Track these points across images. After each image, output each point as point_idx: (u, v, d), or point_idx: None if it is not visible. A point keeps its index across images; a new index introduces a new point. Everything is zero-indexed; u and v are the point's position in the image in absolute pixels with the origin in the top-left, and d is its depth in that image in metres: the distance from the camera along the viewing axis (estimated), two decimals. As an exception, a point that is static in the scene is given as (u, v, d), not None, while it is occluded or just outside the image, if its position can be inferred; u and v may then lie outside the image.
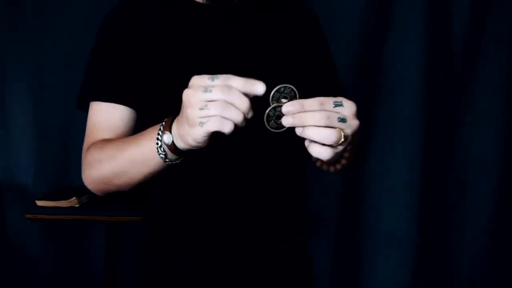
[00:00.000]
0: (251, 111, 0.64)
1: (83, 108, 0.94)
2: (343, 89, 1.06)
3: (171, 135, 0.72)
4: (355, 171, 2.08)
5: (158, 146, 0.74)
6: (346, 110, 0.65)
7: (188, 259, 0.92)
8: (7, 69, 2.01)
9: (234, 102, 0.63)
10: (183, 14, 0.93)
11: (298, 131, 0.64)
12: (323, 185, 2.03)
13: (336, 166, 0.89)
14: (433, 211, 2.08)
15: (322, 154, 0.65)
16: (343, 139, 0.64)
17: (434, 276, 2.14)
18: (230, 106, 0.63)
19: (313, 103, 0.64)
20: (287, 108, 0.64)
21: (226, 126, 0.64)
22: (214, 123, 0.64)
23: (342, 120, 0.64)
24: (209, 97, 0.63)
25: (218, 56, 0.91)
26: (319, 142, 0.64)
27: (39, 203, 1.77)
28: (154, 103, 0.89)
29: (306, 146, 0.66)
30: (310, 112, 0.63)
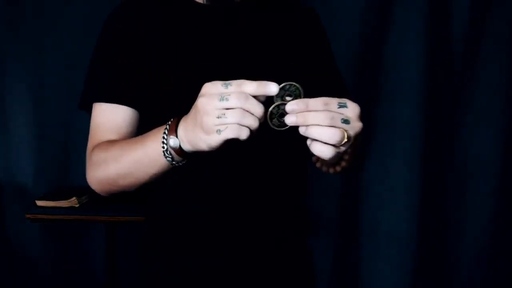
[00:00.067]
0: (264, 116, 0.65)
1: (86, 108, 0.95)
2: (346, 89, 1.06)
3: (178, 139, 0.72)
4: (355, 172, 2.08)
5: (164, 149, 0.74)
6: (350, 112, 0.65)
7: (188, 259, 0.92)
8: (7, 69, 2.01)
9: (251, 109, 0.63)
10: (183, 14, 0.93)
11: (301, 130, 0.64)
12: (323, 185, 2.03)
13: (336, 168, 0.89)
14: (433, 211, 2.08)
15: (324, 152, 0.64)
16: (346, 140, 0.64)
17: (434, 276, 2.14)
18: (247, 113, 0.63)
19: (317, 103, 0.63)
20: (291, 106, 0.64)
21: (243, 133, 0.64)
22: (232, 131, 0.64)
23: (346, 121, 0.64)
24: (226, 105, 0.63)
25: (218, 56, 0.92)
26: (322, 141, 0.64)
27: (39, 203, 1.77)
28: (154, 103, 0.89)
29: (308, 144, 0.66)
30: (314, 111, 0.63)
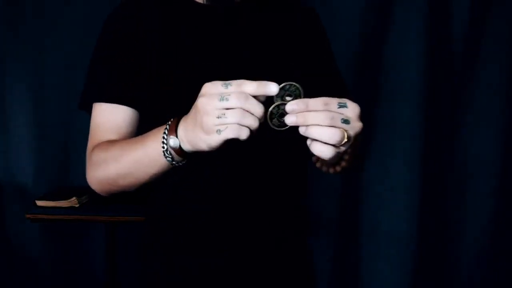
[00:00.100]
0: (264, 115, 0.65)
1: (86, 108, 0.95)
2: (346, 89, 1.05)
3: (178, 139, 0.72)
4: (355, 172, 2.08)
5: (164, 149, 0.74)
6: (350, 112, 0.65)
7: (188, 259, 0.92)
8: (7, 69, 2.01)
9: (251, 109, 0.63)
10: (183, 14, 0.93)
11: (302, 130, 0.64)
12: (323, 185, 2.03)
13: (336, 168, 0.88)
14: (433, 211, 2.08)
15: (324, 152, 0.64)
16: (346, 140, 0.64)
17: (434, 276, 2.14)
18: (247, 113, 0.63)
19: (317, 103, 0.63)
20: (291, 106, 0.64)
21: (243, 133, 0.64)
22: (232, 131, 0.64)
23: (346, 121, 0.64)
24: (225, 105, 0.63)
25: (218, 56, 0.92)
26: (322, 141, 0.64)
27: (39, 203, 1.77)
28: (154, 103, 0.89)
29: (308, 144, 0.66)
30: (314, 111, 0.63)
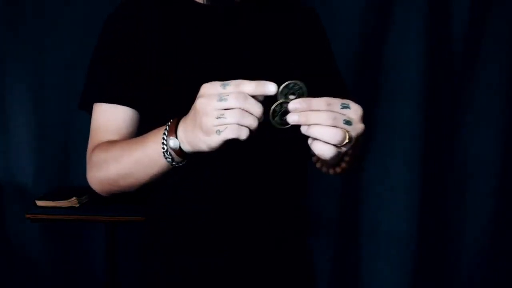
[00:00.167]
0: (263, 115, 0.65)
1: (86, 109, 0.95)
2: (346, 89, 1.05)
3: (177, 140, 0.72)
4: (355, 173, 2.08)
5: (164, 150, 0.74)
6: (353, 113, 0.65)
7: (188, 259, 0.92)
8: (7, 69, 2.01)
9: (250, 109, 0.63)
10: (183, 14, 0.93)
11: (303, 129, 0.64)
12: (323, 185, 2.03)
13: (336, 169, 0.88)
14: (433, 211, 2.08)
15: (325, 152, 0.64)
16: (347, 141, 0.64)
17: (434, 276, 2.14)
18: (246, 113, 0.63)
19: (320, 103, 0.63)
20: (294, 105, 0.64)
21: (243, 133, 0.64)
22: (231, 131, 0.64)
23: (348, 122, 0.64)
24: (224, 105, 0.63)
25: (218, 56, 0.92)
26: (323, 141, 0.64)
27: (39, 203, 1.77)
28: (154, 103, 0.89)
29: (309, 144, 0.66)
30: (317, 111, 0.63)
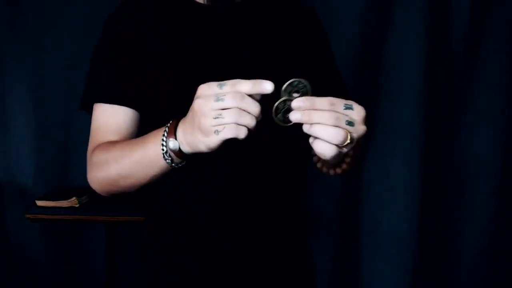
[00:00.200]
0: (260, 114, 0.65)
1: (87, 109, 0.95)
2: (346, 89, 1.05)
3: (177, 142, 0.73)
4: (355, 174, 2.08)
5: (163, 152, 0.74)
6: (355, 114, 0.65)
7: (188, 259, 0.92)
8: (7, 69, 2.01)
9: (247, 108, 0.63)
10: (183, 14, 0.93)
11: (305, 128, 0.64)
12: (323, 185, 2.03)
13: (336, 170, 0.88)
14: (433, 211, 2.08)
15: (326, 151, 0.64)
16: (349, 141, 0.64)
17: (434, 276, 2.14)
18: (244, 112, 0.63)
19: (323, 102, 0.64)
20: (297, 103, 0.64)
21: (241, 132, 0.64)
22: (230, 131, 0.64)
23: (350, 123, 0.64)
24: (222, 105, 0.63)
25: (218, 56, 0.92)
26: (325, 140, 0.64)
27: (39, 203, 1.77)
28: (154, 103, 0.89)
29: (310, 142, 0.66)
30: (320, 110, 0.63)
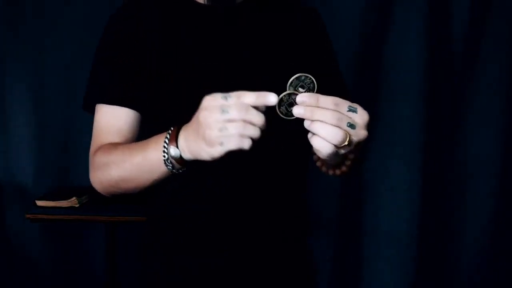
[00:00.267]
0: (265, 124, 0.65)
1: (89, 109, 0.95)
2: (347, 89, 1.05)
3: (178, 150, 0.73)
4: (355, 175, 2.08)
5: (165, 159, 0.75)
6: (358, 118, 0.65)
7: (188, 259, 0.92)
8: (7, 69, 2.01)
9: (252, 120, 0.64)
10: (184, 14, 0.93)
11: (306, 124, 0.64)
12: (323, 185, 2.02)
13: (336, 171, 0.88)
14: (433, 211, 2.08)
15: (323, 148, 0.64)
16: (347, 143, 0.64)
17: (434, 276, 2.14)
18: (248, 124, 0.64)
19: (328, 101, 0.64)
20: (302, 98, 0.64)
21: (246, 143, 0.65)
22: (234, 142, 0.65)
23: (352, 126, 0.64)
24: (227, 117, 0.64)
25: (218, 56, 0.92)
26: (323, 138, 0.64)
27: (39, 203, 1.77)
28: (155, 103, 0.89)
29: (308, 138, 0.66)
30: (323, 108, 0.63)
